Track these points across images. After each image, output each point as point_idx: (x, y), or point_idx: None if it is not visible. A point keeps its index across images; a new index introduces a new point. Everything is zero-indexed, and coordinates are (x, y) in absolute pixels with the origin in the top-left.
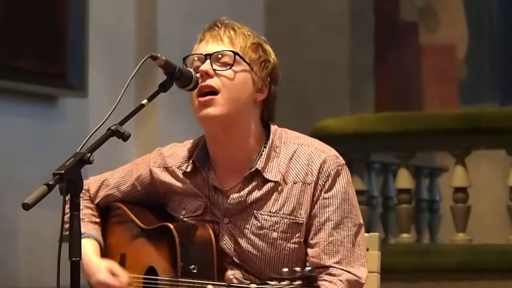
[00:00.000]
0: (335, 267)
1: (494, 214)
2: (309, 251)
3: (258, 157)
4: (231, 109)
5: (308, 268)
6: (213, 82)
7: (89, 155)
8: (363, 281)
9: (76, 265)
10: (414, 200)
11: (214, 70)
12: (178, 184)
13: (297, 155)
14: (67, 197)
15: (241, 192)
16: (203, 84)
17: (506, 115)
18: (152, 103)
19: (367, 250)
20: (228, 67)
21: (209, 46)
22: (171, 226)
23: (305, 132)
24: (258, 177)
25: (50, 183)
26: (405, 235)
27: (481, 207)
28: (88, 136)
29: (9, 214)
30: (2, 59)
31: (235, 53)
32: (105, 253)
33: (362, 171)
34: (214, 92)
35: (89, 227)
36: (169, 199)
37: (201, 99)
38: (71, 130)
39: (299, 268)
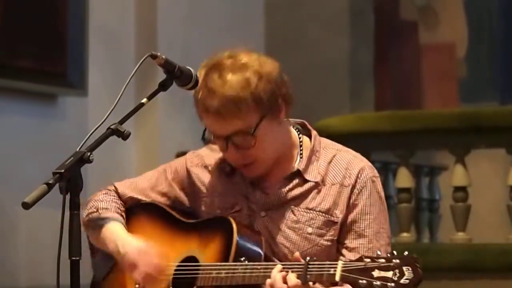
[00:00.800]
0: None
1: (494, 213)
2: (347, 253)
3: (298, 158)
4: (271, 161)
5: (406, 252)
6: (244, 161)
7: (89, 154)
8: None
9: (75, 264)
10: (414, 199)
11: (239, 147)
12: (216, 182)
13: (336, 160)
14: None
15: (282, 189)
16: (236, 164)
17: (506, 114)
18: (152, 102)
19: None
20: (251, 145)
21: (218, 126)
22: (230, 218)
23: None
24: (298, 177)
25: (50, 182)
26: (405, 234)
27: (481, 206)
28: (88, 135)
29: (9, 213)
30: (2, 58)
31: (250, 133)
32: None
33: None
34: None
35: (114, 215)
36: (202, 201)
37: (242, 168)
38: (71, 129)
39: (393, 251)
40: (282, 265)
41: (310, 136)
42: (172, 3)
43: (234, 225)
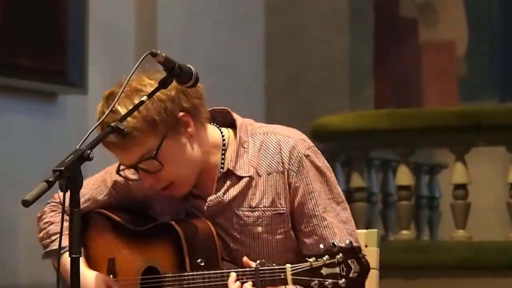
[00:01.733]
0: None
1: (494, 211)
2: (306, 240)
3: (225, 155)
4: (193, 176)
5: (347, 241)
6: (162, 184)
7: (89, 151)
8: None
9: (76, 261)
10: (414, 197)
11: (150, 172)
12: (159, 192)
13: (266, 146)
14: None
15: (218, 193)
16: (157, 189)
17: (505, 112)
18: None
19: (366, 246)
20: (160, 168)
21: (121, 157)
22: (173, 222)
23: (306, 129)
24: (231, 175)
25: (50, 179)
26: (405, 231)
27: (481, 204)
28: (88, 133)
29: (9, 211)
30: (2, 56)
31: (153, 157)
32: (89, 259)
33: (362, 168)
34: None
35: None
36: (149, 206)
37: (164, 191)
38: (71, 127)
39: (337, 242)
40: (235, 271)
41: (235, 126)
42: (172, 1)
43: (180, 231)
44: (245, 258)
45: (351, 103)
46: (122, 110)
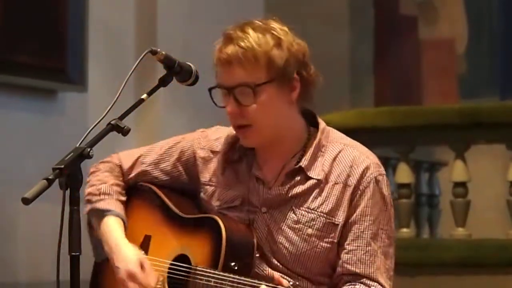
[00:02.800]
0: (368, 278)
1: (493, 208)
2: (344, 256)
3: (303, 154)
4: (269, 133)
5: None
6: (241, 120)
7: (88, 149)
8: None
9: (75, 259)
10: (413, 195)
11: (240, 103)
12: (220, 171)
13: (342, 156)
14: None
15: (284, 186)
16: (235, 123)
17: (506, 109)
18: (152, 97)
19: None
20: (251, 102)
21: (226, 75)
22: (220, 221)
23: None
24: (301, 173)
25: (50, 177)
26: (404, 229)
27: (481, 201)
28: (88, 131)
29: (8, 209)
30: (2, 54)
31: (253, 88)
32: (127, 232)
33: None
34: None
35: (116, 205)
36: (206, 189)
37: (239, 130)
38: (70, 125)
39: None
40: (266, 285)
41: (317, 128)
42: None
43: (223, 231)
44: (277, 276)
45: (351, 100)
46: (252, 35)
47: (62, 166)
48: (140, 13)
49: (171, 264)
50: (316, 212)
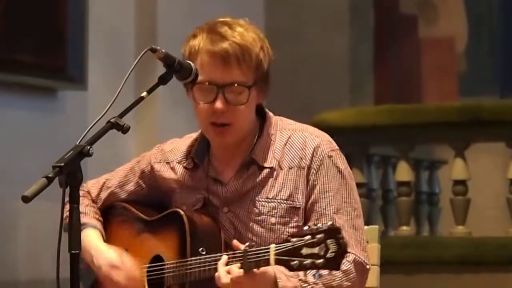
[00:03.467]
0: None
1: (493, 206)
2: None
3: (253, 145)
4: (243, 132)
5: (329, 222)
6: (227, 118)
7: (88, 147)
8: (368, 266)
9: (75, 257)
10: (413, 193)
11: (228, 102)
12: (179, 179)
13: (292, 141)
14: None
15: (238, 180)
16: (217, 120)
17: (505, 107)
18: (152, 95)
19: (367, 243)
20: (242, 102)
21: (220, 71)
22: (180, 211)
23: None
24: (254, 164)
25: (50, 175)
26: (404, 227)
27: (481, 199)
28: (88, 129)
29: (8, 207)
30: (2, 52)
31: (249, 88)
32: None
33: (362, 164)
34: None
35: (92, 221)
36: (171, 197)
37: (216, 128)
38: (70, 123)
39: (320, 224)
40: (227, 254)
41: (265, 119)
42: None
43: (185, 218)
44: (235, 241)
45: (351, 99)
46: (245, 34)
47: (62, 164)
48: (140, 12)
49: (148, 267)
50: (275, 201)
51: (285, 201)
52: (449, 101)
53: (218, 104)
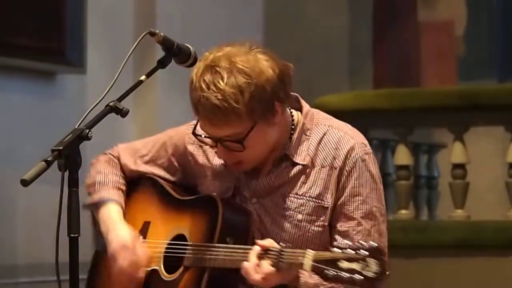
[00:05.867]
0: None
1: (492, 190)
2: (337, 237)
3: (289, 141)
4: (261, 157)
5: (373, 244)
6: (236, 158)
7: (87, 131)
8: (388, 273)
9: (74, 241)
10: (412, 177)
11: (229, 149)
12: (212, 166)
13: (327, 138)
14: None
15: (271, 175)
16: (227, 162)
17: (504, 91)
18: (151, 79)
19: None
20: (241, 149)
21: (211, 128)
22: (217, 198)
23: None
24: (287, 160)
25: (49, 159)
26: (403, 211)
27: (480, 183)
28: (87, 113)
29: (7, 191)
30: (1, 35)
31: (241, 141)
32: (126, 219)
33: None
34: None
35: (113, 192)
36: (202, 182)
37: (229, 165)
38: (69, 107)
39: (365, 242)
40: (261, 246)
41: (301, 111)
42: None
43: (220, 206)
44: (270, 240)
45: (350, 82)
46: (227, 90)
47: (61, 148)
48: None
49: (168, 244)
50: (304, 198)
51: (314, 199)
52: (448, 85)
53: (219, 154)
